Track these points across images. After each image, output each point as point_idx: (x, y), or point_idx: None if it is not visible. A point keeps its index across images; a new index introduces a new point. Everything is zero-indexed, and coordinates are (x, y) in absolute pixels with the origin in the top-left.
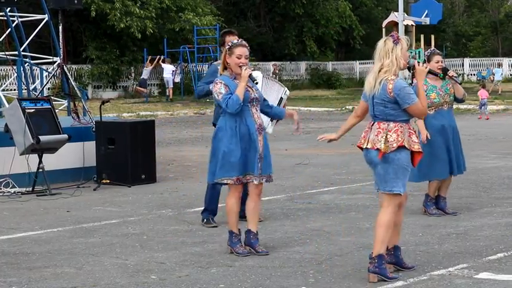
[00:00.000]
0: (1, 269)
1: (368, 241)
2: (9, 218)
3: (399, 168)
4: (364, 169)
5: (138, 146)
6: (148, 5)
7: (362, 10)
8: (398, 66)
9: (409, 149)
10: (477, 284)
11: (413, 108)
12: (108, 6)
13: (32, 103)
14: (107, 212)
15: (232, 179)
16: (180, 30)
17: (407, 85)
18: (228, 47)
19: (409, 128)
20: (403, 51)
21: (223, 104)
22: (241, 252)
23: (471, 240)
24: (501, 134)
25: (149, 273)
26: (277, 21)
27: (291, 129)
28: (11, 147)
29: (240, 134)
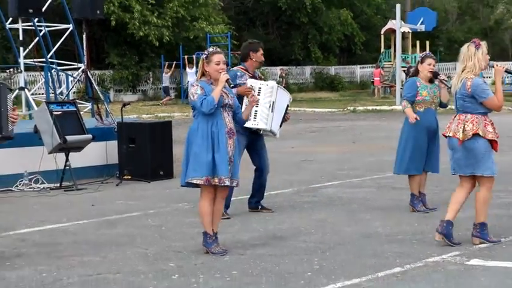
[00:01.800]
0: (32, 258)
1: (368, 231)
2: (39, 211)
3: (476, 154)
4: (364, 165)
5: (156, 144)
6: (165, 14)
7: (362, 18)
8: (480, 67)
9: (484, 137)
10: (468, 269)
11: (489, 102)
12: (128, 16)
13: (59, 106)
14: (129, 206)
15: (202, 179)
16: (194, 38)
17: (484, 83)
18: (205, 56)
19: (485, 119)
20: (483, 54)
21: (199, 103)
22: (217, 252)
23: (463, 229)
24: None
25: (168, 261)
26: (284, 29)
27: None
28: (40, 147)
29: (211, 136)
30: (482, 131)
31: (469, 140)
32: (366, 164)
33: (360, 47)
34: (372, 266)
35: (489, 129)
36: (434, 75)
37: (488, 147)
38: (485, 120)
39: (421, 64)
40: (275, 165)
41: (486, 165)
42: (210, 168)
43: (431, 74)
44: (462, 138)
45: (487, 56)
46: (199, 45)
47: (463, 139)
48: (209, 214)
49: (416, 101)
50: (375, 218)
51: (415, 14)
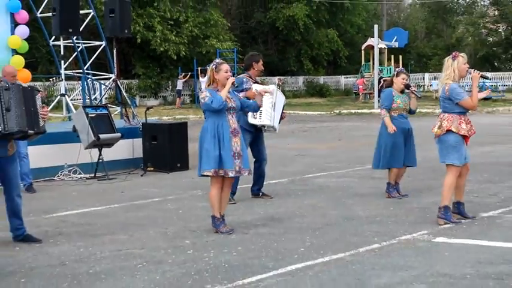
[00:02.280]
0: (71, 236)
1: (351, 214)
2: (77, 197)
3: (448, 146)
4: (348, 159)
5: (174, 141)
6: (181, 33)
7: (346, 36)
8: (457, 75)
9: (457, 132)
10: (434, 245)
11: (463, 103)
12: (151, 34)
13: (93, 109)
14: (151, 192)
15: (211, 171)
16: (206, 53)
17: (459, 87)
18: (215, 66)
19: (460, 118)
20: (459, 64)
21: (209, 101)
22: (225, 231)
23: (430, 212)
24: None
25: (184, 239)
26: (281, 45)
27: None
28: (77, 143)
29: (218, 135)
30: (455, 128)
31: (443, 134)
32: (349, 158)
33: (344, 60)
34: (354, 243)
35: (463, 126)
36: (407, 87)
37: (460, 141)
38: (461, 118)
39: (396, 77)
40: (274, 159)
41: (455, 155)
42: (217, 162)
43: (404, 86)
44: (438, 133)
45: (464, 65)
46: (210, 58)
47: (438, 134)
48: (217, 200)
49: (392, 108)
50: (357, 203)
51: (390, 33)
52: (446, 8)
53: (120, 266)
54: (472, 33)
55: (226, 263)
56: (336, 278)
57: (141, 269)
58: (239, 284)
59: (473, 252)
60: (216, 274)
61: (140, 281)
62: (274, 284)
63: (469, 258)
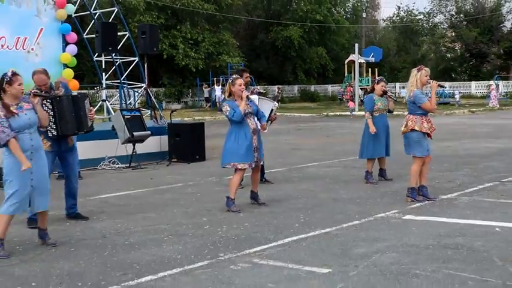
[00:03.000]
0: (111, 214)
1: (337, 196)
2: (115, 183)
3: (412, 141)
4: (334, 152)
5: (194, 138)
6: (199, 50)
7: (332, 53)
8: (420, 83)
9: (419, 130)
10: (404, 222)
11: (423, 106)
12: (175, 51)
13: (128, 112)
14: (175, 179)
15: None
16: (219, 66)
17: (421, 93)
18: (231, 80)
19: (422, 118)
20: (422, 76)
21: (230, 116)
22: (235, 210)
23: (400, 195)
24: None
25: (201, 216)
26: (280, 60)
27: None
28: (116, 140)
29: (240, 135)
30: (418, 127)
31: (409, 132)
32: (335, 151)
33: (331, 72)
34: (339, 220)
35: (424, 125)
36: (385, 92)
37: (422, 137)
38: (423, 119)
39: (377, 84)
40: (274, 152)
41: (418, 149)
42: (240, 157)
43: (383, 92)
44: (404, 130)
45: (425, 77)
46: (222, 71)
47: (404, 131)
48: (236, 186)
49: (374, 109)
50: (341, 188)
51: (368, 50)
52: (413, 30)
53: (150, 238)
54: (434, 50)
55: (236, 236)
56: (324, 248)
57: (167, 241)
58: (246, 253)
59: (435, 227)
60: (228, 245)
61: (166, 251)
62: (275, 252)
63: (432, 232)
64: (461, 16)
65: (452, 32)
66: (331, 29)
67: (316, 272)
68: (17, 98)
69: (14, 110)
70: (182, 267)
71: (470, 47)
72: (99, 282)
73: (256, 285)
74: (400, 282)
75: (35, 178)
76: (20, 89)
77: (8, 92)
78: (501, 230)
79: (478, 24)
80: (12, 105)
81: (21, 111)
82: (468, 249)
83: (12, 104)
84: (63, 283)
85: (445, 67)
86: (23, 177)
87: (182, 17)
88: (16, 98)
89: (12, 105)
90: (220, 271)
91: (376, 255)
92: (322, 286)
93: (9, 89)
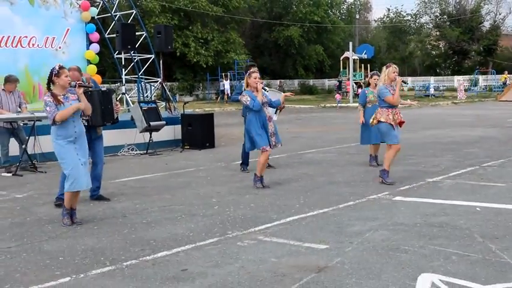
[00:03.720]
0: (130, 196)
1: (333, 179)
2: (134, 167)
3: (382, 131)
4: (330, 140)
5: (204, 127)
6: (209, 48)
7: (329, 50)
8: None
9: (385, 121)
10: (394, 203)
11: (386, 99)
12: (187, 49)
13: (146, 104)
14: (187, 164)
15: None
16: (227, 63)
17: (385, 88)
18: (248, 73)
19: (388, 110)
20: (389, 72)
21: (251, 106)
22: (259, 186)
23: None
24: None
25: (211, 198)
26: (282, 57)
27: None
28: (134, 129)
29: (259, 122)
30: (384, 118)
31: (377, 124)
32: (331, 139)
33: (328, 68)
34: (335, 201)
35: (390, 117)
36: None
37: (390, 127)
38: (388, 110)
39: (370, 78)
40: None
41: (389, 137)
42: (262, 142)
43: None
44: (371, 123)
45: (393, 73)
46: (230, 67)
47: (372, 123)
48: (264, 165)
49: (367, 102)
50: (337, 172)
51: (361, 48)
52: (401, 30)
53: (165, 217)
54: (420, 48)
55: (242, 215)
56: (322, 227)
57: (180, 220)
58: (251, 231)
59: (422, 207)
60: (235, 224)
61: (180, 228)
62: (277, 230)
63: (419, 211)
64: (444, 17)
65: (436, 32)
66: (327, 28)
67: (315, 248)
68: (65, 89)
69: (61, 99)
70: (194, 243)
71: (453, 45)
72: (119, 257)
73: (260, 259)
74: (391, 257)
75: (81, 159)
76: (66, 80)
77: (57, 83)
78: (481, 210)
79: (460, 24)
80: (59, 95)
81: (67, 101)
82: (452, 227)
83: (60, 94)
84: (87, 258)
85: (430, 63)
86: (73, 157)
87: (194, 18)
88: (64, 89)
89: (59, 95)
90: (228, 247)
91: (369, 232)
92: (320, 261)
93: (58, 80)
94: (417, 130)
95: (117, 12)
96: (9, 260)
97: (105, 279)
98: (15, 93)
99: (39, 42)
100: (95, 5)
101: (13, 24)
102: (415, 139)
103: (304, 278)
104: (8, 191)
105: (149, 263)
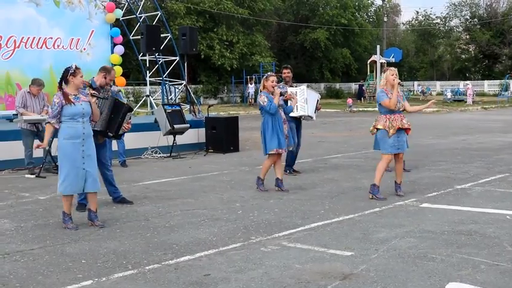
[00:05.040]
0: (153, 199)
1: (359, 185)
2: (157, 171)
3: (376, 139)
4: (356, 144)
5: (229, 130)
6: (234, 51)
7: (356, 54)
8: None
9: (382, 128)
10: (421, 209)
11: (382, 103)
12: (211, 52)
13: (170, 106)
14: (211, 168)
15: (273, 150)
16: (252, 65)
17: (382, 92)
18: (266, 76)
19: (386, 116)
20: (388, 76)
21: (267, 108)
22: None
23: (417, 184)
24: (435, 125)
25: (235, 202)
26: (307, 60)
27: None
28: (158, 131)
29: (274, 125)
30: (382, 125)
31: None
32: (357, 144)
33: (354, 71)
34: (361, 207)
35: (387, 123)
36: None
37: (385, 134)
38: (386, 117)
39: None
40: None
41: (383, 146)
42: (276, 144)
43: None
44: (371, 130)
45: (391, 76)
46: (255, 70)
47: (372, 131)
48: (267, 169)
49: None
50: (363, 177)
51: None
52: (430, 33)
53: (188, 221)
54: (450, 51)
55: (266, 220)
56: (347, 233)
57: (204, 224)
58: (275, 236)
59: (450, 214)
60: (259, 229)
61: (203, 233)
62: (302, 236)
63: (447, 219)
64: (475, 20)
65: (466, 35)
66: (354, 31)
67: (339, 255)
68: (77, 89)
69: (71, 99)
70: (217, 248)
71: (483, 48)
72: (141, 260)
73: (284, 265)
74: (417, 265)
75: (86, 162)
76: (81, 80)
77: (72, 82)
78: (511, 218)
79: (491, 27)
80: (71, 95)
81: (78, 102)
82: (480, 236)
83: (71, 94)
84: (110, 261)
85: (459, 67)
86: (74, 161)
87: (219, 20)
88: (77, 89)
89: (71, 94)
90: (252, 252)
91: (395, 239)
92: (345, 268)
93: (73, 79)
94: (446, 136)
95: (142, 13)
96: (31, 262)
97: (127, 283)
98: (39, 96)
99: (64, 43)
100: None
101: (39, 26)
102: (443, 145)
103: (328, 285)
104: (31, 192)
105: (171, 267)
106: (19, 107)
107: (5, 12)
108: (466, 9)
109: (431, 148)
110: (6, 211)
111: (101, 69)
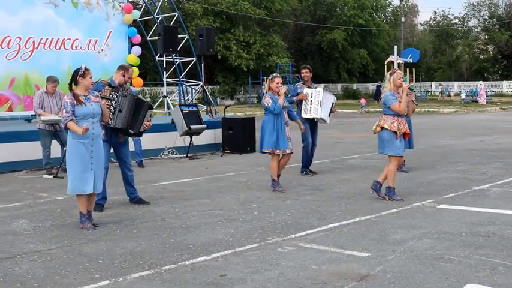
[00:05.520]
0: (169, 199)
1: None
2: (174, 171)
3: (383, 140)
4: (373, 145)
5: (245, 131)
6: (251, 52)
7: (373, 54)
8: (395, 85)
9: (389, 129)
10: (438, 210)
11: (392, 107)
12: (228, 52)
13: (186, 107)
14: (228, 168)
15: (269, 149)
16: (269, 66)
17: (391, 95)
18: (270, 78)
19: (393, 118)
20: (395, 78)
21: (272, 108)
22: (278, 190)
23: (435, 185)
24: (453, 126)
25: (251, 203)
26: (324, 61)
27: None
28: (174, 132)
29: (277, 126)
30: (388, 126)
31: (380, 131)
32: (374, 145)
33: (372, 72)
34: (378, 208)
35: (395, 125)
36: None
37: (393, 136)
38: (393, 118)
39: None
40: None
41: (391, 147)
42: (274, 144)
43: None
44: (376, 130)
45: (398, 80)
46: (272, 70)
47: (375, 130)
48: (275, 169)
49: None
50: None
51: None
52: (448, 33)
53: (205, 222)
54: (468, 52)
55: (283, 221)
56: (364, 234)
57: (220, 224)
58: (292, 237)
59: (468, 216)
60: (275, 229)
61: (219, 233)
62: (318, 237)
63: (465, 220)
64: (494, 20)
65: (485, 35)
66: (372, 32)
67: (356, 256)
68: (87, 90)
69: (82, 99)
70: (233, 248)
71: (502, 49)
72: (158, 261)
73: (300, 266)
74: (435, 266)
75: (94, 162)
76: (91, 81)
77: (81, 83)
78: None
79: (510, 27)
80: (81, 96)
81: (88, 102)
82: (499, 237)
83: (81, 95)
84: (126, 261)
85: (478, 67)
86: (83, 160)
87: (236, 21)
88: (86, 90)
89: (81, 95)
90: (268, 253)
91: (413, 241)
92: (361, 269)
93: (83, 80)
94: (463, 136)
95: (160, 14)
96: (49, 262)
97: (143, 283)
98: (56, 95)
99: (82, 44)
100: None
101: (57, 26)
102: (461, 145)
103: (345, 286)
104: (49, 192)
105: (188, 267)
106: (37, 107)
107: (24, 13)
108: (485, 9)
109: (448, 149)
110: (25, 211)
111: (119, 68)
